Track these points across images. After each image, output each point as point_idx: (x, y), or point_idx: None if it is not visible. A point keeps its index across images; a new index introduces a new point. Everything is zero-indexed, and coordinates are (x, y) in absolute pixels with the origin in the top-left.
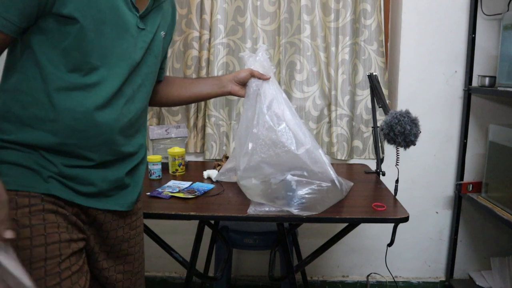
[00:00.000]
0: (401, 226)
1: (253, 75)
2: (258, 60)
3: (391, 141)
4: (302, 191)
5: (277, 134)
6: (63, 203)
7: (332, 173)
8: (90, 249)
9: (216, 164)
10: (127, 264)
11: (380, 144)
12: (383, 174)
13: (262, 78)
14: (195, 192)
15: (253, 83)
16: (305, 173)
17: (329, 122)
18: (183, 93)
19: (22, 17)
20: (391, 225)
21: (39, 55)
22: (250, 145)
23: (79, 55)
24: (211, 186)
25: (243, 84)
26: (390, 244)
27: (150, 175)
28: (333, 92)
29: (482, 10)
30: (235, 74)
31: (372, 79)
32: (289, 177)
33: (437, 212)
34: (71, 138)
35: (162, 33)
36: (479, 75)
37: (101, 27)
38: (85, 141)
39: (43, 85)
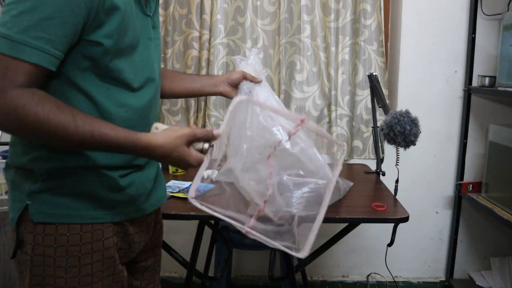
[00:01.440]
0: (401, 226)
1: (245, 77)
2: (250, 63)
3: (391, 141)
4: (300, 191)
5: (272, 134)
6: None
7: (328, 171)
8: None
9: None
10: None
11: (380, 144)
12: (383, 174)
13: (254, 81)
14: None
15: (245, 86)
16: (301, 172)
17: (329, 122)
18: (175, 87)
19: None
20: (391, 225)
21: (85, 89)
22: (244, 147)
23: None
24: (211, 186)
25: (235, 86)
26: (390, 244)
27: None
28: (333, 92)
29: (482, 10)
30: (228, 75)
31: (372, 79)
32: (285, 178)
33: (437, 212)
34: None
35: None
36: (479, 75)
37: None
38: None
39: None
